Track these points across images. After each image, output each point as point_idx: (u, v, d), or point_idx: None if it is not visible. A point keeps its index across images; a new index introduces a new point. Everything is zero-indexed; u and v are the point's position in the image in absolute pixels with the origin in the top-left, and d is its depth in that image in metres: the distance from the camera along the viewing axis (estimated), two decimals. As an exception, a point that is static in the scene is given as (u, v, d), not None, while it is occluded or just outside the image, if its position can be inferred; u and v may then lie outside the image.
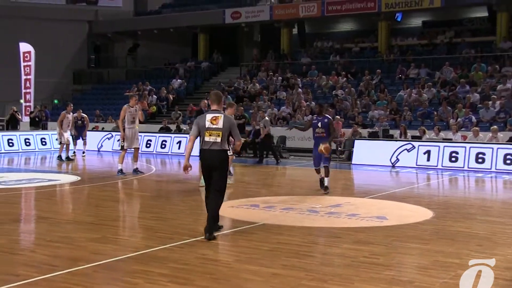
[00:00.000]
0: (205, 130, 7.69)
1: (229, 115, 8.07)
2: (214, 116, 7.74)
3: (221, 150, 7.69)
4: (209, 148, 7.67)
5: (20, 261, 6.56)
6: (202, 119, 7.80)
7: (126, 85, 33.37)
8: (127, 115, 15.09)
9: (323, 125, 11.94)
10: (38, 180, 13.84)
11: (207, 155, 7.70)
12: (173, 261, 6.55)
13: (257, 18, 31.92)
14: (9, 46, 31.42)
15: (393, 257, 6.91)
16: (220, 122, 7.68)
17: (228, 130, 7.72)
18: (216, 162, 7.66)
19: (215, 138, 7.65)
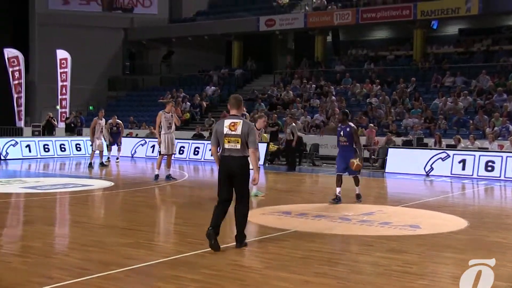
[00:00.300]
0: (224, 136, 7.38)
1: (248, 121, 7.67)
2: (232, 122, 7.39)
3: (242, 157, 7.39)
4: (230, 155, 7.36)
5: (54, 264, 6.63)
6: (221, 125, 7.48)
7: (160, 92, 33.68)
8: (163, 121, 15.25)
9: (345, 134, 11.60)
10: (73, 185, 14.02)
11: (227, 163, 7.39)
12: (204, 267, 6.55)
13: (291, 25, 31.90)
14: (47, 53, 32.06)
15: (427, 267, 6.79)
16: (239, 128, 7.33)
17: (247, 136, 7.35)
18: (237, 169, 7.35)
19: (235, 145, 7.34)
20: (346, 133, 11.57)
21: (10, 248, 7.27)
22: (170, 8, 38.08)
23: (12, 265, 6.57)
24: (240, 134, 7.31)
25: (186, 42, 36.48)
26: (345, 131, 11.60)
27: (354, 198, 11.93)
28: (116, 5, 37.53)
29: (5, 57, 26.20)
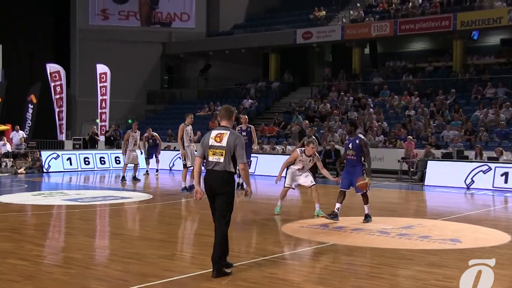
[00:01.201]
0: (209, 148, 6.84)
1: (237, 133, 7.05)
2: (219, 133, 6.85)
3: (225, 171, 6.76)
4: (212, 168, 6.80)
5: (94, 275, 6.73)
6: (207, 136, 6.96)
7: (197, 105, 33.96)
8: (184, 133, 15.31)
9: (354, 147, 10.50)
10: (112, 198, 14.21)
11: (209, 177, 6.83)
12: (241, 279, 6.55)
13: (328, 38, 31.85)
14: (87, 68, 32.69)
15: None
16: (224, 140, 6.76)
17: (233, 149, 6.74)
18: (218, 185, 6.76)
19: (218, 158, 6.77)
20: (355, 146, 10.50)
21: (52, 259, 7.41)
22: (207, 22, 38.47)
23: (54, 275, 6.70)
24: (225, 146, 6.74)
25: (223, 56, 36.76)
26: (354, 144, 10.53)
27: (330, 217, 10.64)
28: (155, 19, 38.11)
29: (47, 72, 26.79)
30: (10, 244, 8.37)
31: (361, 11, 31.81)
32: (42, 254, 7.83)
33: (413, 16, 29.41)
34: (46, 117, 29.57)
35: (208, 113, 31.34)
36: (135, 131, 19.09)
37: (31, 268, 6.98)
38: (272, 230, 9.83)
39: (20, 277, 6.55)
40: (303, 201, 14.91)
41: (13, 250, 7.98)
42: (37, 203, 13.24)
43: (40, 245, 8.47)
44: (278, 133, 26.64)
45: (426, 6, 29.56)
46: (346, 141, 10.90)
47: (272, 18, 37.32)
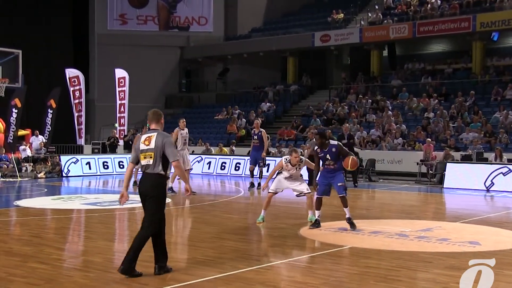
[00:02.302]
0: (140, 152, 6.89)
1: (165, 133, 7.00)
2: (148, 136, 6.89)
3: (155, 174, 6.77)
4: (144, 171, 6.84)
5: (114, 279, 6.76)
6: (138, 141, 7.01)
7: (216, 109, 34.06)
8: (179, 137, 15.65)
9: (333, 157, 9.92)
10: (130, 202, 14.23)
11: (141, 180, 6.88)
12: (260, 282, 6.55)
13: (346, 40, 31.76)
14: (106, 73, 32.96)
15: (488, 285, 6.59)
16: (152, 142, 6.79)
17: (162, 149, 6.75)
18: (148, 188, 6.77)
19: (148, 161, 6.78)
20: (334, 154, 9.92)
21: (72, 263, 7.48)
22: (225, 26, 38.58)
23: (74, 279, 6.75)
24: (153, 148, 6.76)
25: (241, 59, 36.83)
26: (331, 153, 9.91)
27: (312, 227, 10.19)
28: (173, 24, 38.31)
29: (66, 77, 27.04)
30: (30, 248, 8.46)
31: (379, 13, 31.68)
32: (62, 257, 7.90)
33: (432, 18, 29.21)
34: (65, 121, 29.84)
35: (226, 117, 31.42)
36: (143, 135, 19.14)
37: (51, 272, 7.05)
38: (290, 233, 9.82)
39: (41, 280, 6.62)
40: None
41: (33, 253, 8.07)
42: (56, 207, 13.37)
43: (60, 249, 8.55)
44: (296, 136, 26.61)
45: (445, 8, 29.37)
46: (320, 153, 10.01)
47: (290, 21, 37.31)
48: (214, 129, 31.07)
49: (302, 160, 10.70)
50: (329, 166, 10.06)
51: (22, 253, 8.08)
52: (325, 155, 9.99)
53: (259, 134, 17.17)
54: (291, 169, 10.64)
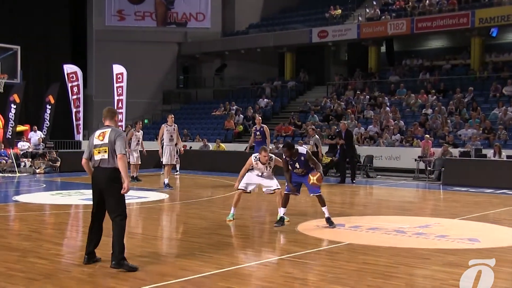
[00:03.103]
0: (93, 147, 7.06)
1: (118, 129, 7.21)
2: (102, 131, 7.10)
3: (111, 168, 6.96)
4: (98, 166, 7.01)
5: (111, 274, 6.77)
6: (92, 137, 7.20)
7: (213, 104, 34.05)
8: (165, 133, 16.30)
9: (302, 165, 10.01)
10: (129, 197, 14.23)
11: (96, 175, 7.02)
12: (258, 278, 6.56)
13: (344, 36, 31.73)
14: (103, 68, 32.88)
15: (486, 281, 6.60)
16: (106, 137, 7.01)
17: (114, 143, 6.95)
18: (105, 182, 6.95)
19: (103, 155, 6.97)
20: (303, 163, 9.99)
21: (70, 258, 7.48)
22: (223, 22, 38.52)
23: (73, 274, 6.76)
24: (107, 143, 6.97)
25: (238, 55, 36.81)
26: (300, 162, 9.97)
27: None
28: (170, 20, 38.24)
29: (64, 73, 26.99)
30: (29, 243, 8.47)
31: (377, 9, 31.65)
32: (61, 253, 7.90)
33: (430, 14, 29.21)
34: (63, 117, 29.81)
35: (224, 112, 31.41)
36: (138, 130, 19.22)
37: (50, 267, 7.06)
38: (287, 229, 9.82)
39: (40, 275, 6.63)
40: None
41: (32, 248, 8.07)
42: (55, 202, 13.37)
43: (59, 244, 8.55)
44: (293, 132, 26.61)
45: (443, 3, 29.33)
46: (290, 161, 10.05)
47: (287, 17, 37.27)
48: (211, 125, 31.06)
49: (272, 158, 10.65)
50: (300, 174, 10.11)
51: (21, 248, 8.09)
52: (294, 164, 10.07)
53: (261, 129, 17.73)
54: (261, 167, 10.55)
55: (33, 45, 32.48)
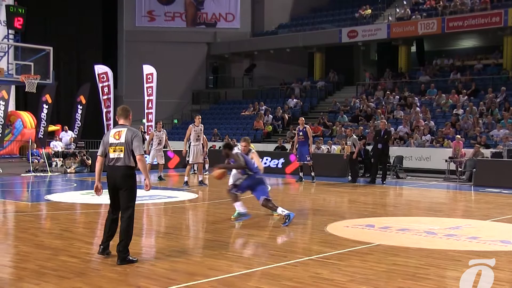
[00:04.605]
0: (109, 146, 7.30)
1: (134, 129, 7.45)
2: (117, 131, 7.34)
3: (125, 166, 7.22)
4: (113, 164, 7.26)
5: (141, 273, 6.84)
6: (107, 135, 7.43)
7: (242, 105, 34.12)
8: (192, 134, 16.72)
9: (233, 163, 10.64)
10: (159, 197, 14.40)
11: (112, 173, 7.28)
12: (286, 279, 6.55)
13: (374, 36, 31.53)
14: (134, 69, 33.20)
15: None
16: (122, 136, 7.25)
17: (131, 143, 7.22)
18: (121, 180, 7.21)
19: (119, 154, 7.22)
20: (233, 162, 10.63)
21: (101, 257, 7.56)
22: (252, 22, 38.60)
23: (103, 272, 6.84)
24: (123, 142, 7.21)
25: (268, 55, 36.81)
26: (233, 161, 10.63)
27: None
28: (200, 20, 38.45)
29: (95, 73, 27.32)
30: (60, 242, 8.59)
31: (407, 8, 31.38)
32: (91, 251, 8.00)
33: (462, 13, 28.83)
34: (94, 117, 30.16)
35: (253, 112, 31.45)
36: (159, 130, 19.36)
37: (81, 265, 7.15)
38: (317, 230, 9.80)
39: (71, 273, 6.72)
40: (348, 201, 14.82)
41: (63, 247, 8.18)
42: (86, 201, 13.52)
43: (89, 243, 8.65)
44: (323, 132, 26.52)
45: (475, 2, 28.94)
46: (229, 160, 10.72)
47: (317, 17, 37.19)
48: (240, 125, 31.12)
49: (252, 150, 11.17)
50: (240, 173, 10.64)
51: (53, 247, 8.21)
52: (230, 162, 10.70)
53: (304, 130, 18.53)
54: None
55: (65, 46, 33.00)
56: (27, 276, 6.61)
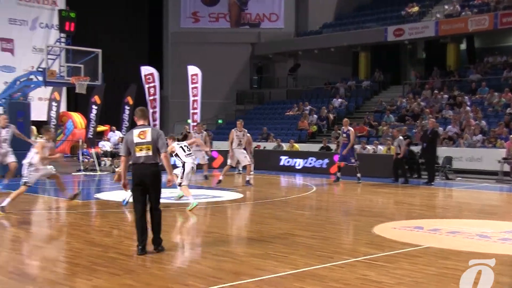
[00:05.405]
0: (135, 145, 7.70)
1: (156, 128, 8.07)
2: (141, 130, 7.78)
3: (153, 163, 7.72)
4: (141, 162, 7.69)
5: (188, 272, 6.87)
6: (131, 135, 7.82)
7: (286, 105, 34.02)
8: (234, 138, 17.15)
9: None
10: (204, 196, 14.45)
11: (139, 170, 7.71)
12: (333, 280, 6.46)
13: (421, 34, 30.96)
14: (179, 70, 33.53)
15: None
16: (148, 136, 7.72)
17: (157, 142, 7.72)
18: (150, 176, 7.67)
19: (146, 152, 7.67)
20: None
21: (149, 255, 7.62)
22: (296, 22, 38.47)
23: (151, 270, 6.90)
24: (150, 141, 7.68)
25: (312, 55, 36.63)
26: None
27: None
28: (244, 21, 38.54)
29: (142, 74, 27.67)
30: (110, 239, 8.72)
31: (457, 5, 30.68)
32: (139, 250, 8.06)
33: (517, 8, 27.93)
34: (141, 118, 30.54)
35: (297, 113, 31.33)
36: (198, 132, 19.54)
37: (130, 263, 7.24)
38: (363, 231, 9.65)
39: (121, 270, 6.81)
40: (395, 202, 14.59)
41: (113, 245, 8.31)
42: (133, 200, 13.63)
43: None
44: (368, 132, 26.21)
45: (532, -4, 28.02)
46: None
47: (361, 15, 36.78)
48: (285, 125, 31.03)
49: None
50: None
51: (103, 244, 8.35)
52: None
53: (347, 132, 18.49)
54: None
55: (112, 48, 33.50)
56: (80, 272, 6.78)
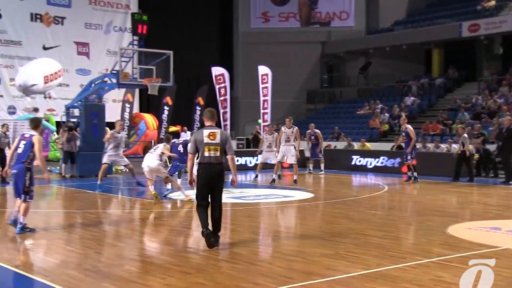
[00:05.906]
0: (204, 145, 8.04)
1: (224, 130, 8.33)
2: (211, 131, 8.12)
3: (221, 163, 8.10)
4: (209, 162, 8.02)
5: (259, 271, 6.93)
6: (200, 135, 8.15)
7: (358, 103, 33.67)
8: (283, 135, 17.54)
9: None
10: (274, 196, 14.53)
11: (207, 170, 8.04)
12: (406, 281, 6.38)
13: (498, 29, 29.92)
14: (249, 70, 33.78)
15: None
16: (218, 137, 8.07)
17: (225, 144, 8.09)
18: (217, 175, 8.06)
19: (215, 153, 8.03)
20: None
21: (220, 254, 7.75)
22: (367, 20, 38.00)
23: (222, 269, 7.02)
24: (219, 143, 8.06)
25: (383, 53, 36.06)
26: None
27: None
28: (314, 20, 38.40)
29: (212, 75, 28.09)
30: (182, 238, 8.94)
31: (536, -2, 29.51)
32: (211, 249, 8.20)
33: None
34: (212, 118, 30.97)
35: (368, 111, 30.97)
36: (270, 133, 19.04)
37: (201, 262, 7.38)
38: (437, 231, 9.46)
39: (192, 269, 6.96)
40: (470, 201, 14.20)
41: (185, 244, 8.50)
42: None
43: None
44: (442, 131, 25.58)
45: None
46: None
47: (434, 11, 35.92)
48: (356, 124, 30.73)
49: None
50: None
51: (176, 243, 8.58)
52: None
53: (405, 130, 17.67)
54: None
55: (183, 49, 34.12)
56: (153, 270, 6.95)
